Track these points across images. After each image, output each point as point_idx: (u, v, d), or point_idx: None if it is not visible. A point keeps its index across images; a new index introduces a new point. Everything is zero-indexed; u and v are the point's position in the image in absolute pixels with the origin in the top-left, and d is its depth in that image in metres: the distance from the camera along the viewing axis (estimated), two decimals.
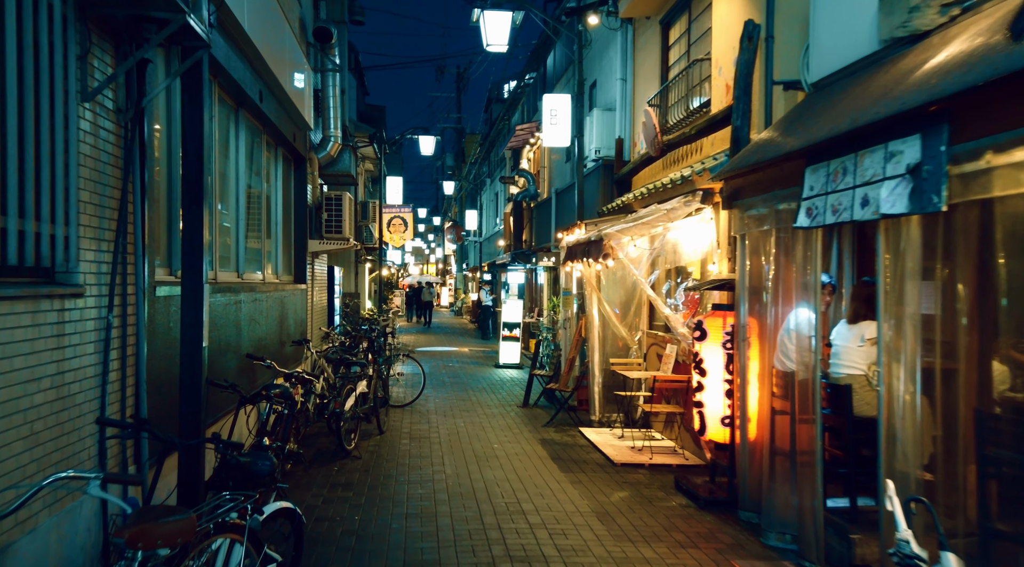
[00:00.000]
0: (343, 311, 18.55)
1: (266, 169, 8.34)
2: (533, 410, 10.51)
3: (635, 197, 9.09)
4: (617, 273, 9.53)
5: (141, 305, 3.89)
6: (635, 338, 9.33)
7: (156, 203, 4.53)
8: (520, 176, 19.33)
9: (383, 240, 22.91)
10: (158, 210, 4.56)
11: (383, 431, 8.54)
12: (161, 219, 4.65)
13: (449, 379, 13.68)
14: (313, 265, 10.75)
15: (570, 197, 13.92)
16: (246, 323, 6.51)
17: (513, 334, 16.10)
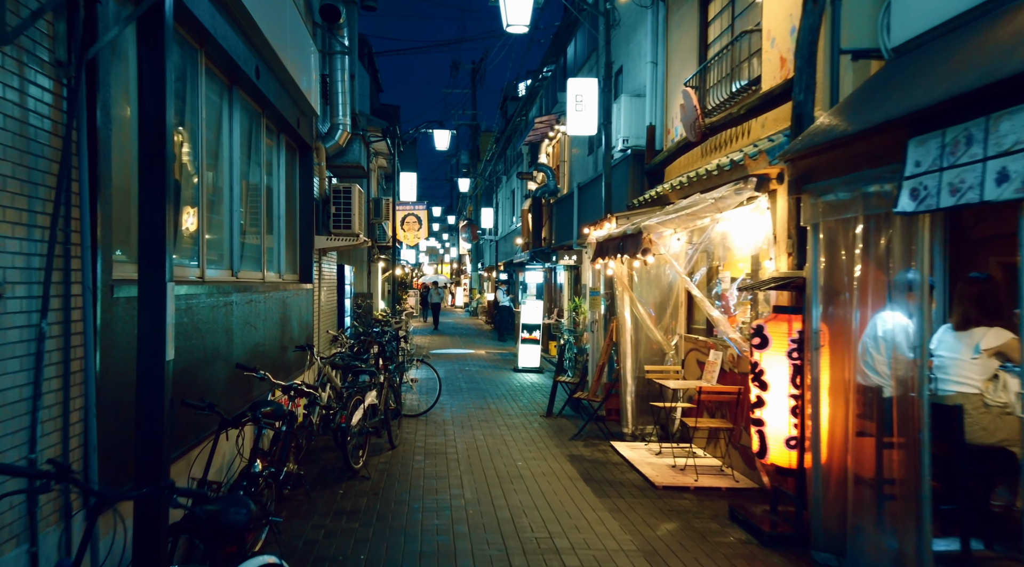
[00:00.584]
0: (354, 312, 17.85)
1: (267, 157, 7.58)
2: (558, 420, 9.68)
3: (671, 188, 8.24)
4: (652, 271, 8.68)
5: (90, 309, 3.12)
6: (671, 343, 8.48)
7: (121, 184, 3.76)
8: (539, 171, 18.50)
9: (396, 239, 22.17)
10: (123, 192, 3.78)
11: (395, 445, 7.75)
12: (130, 203, 3.87)
13: (466, 385, 12.88)
14: (320, 263, 10.00)
15: (594, 191, 13.09)
16: (239, 328, 5.74)
17: (532, 336, 15.28)
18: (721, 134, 7.79)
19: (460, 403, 10.85)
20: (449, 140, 19.73)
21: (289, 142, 8.59)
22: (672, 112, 9.88)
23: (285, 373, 7.42)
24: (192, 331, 4.63)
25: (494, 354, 18.49)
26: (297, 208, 9.01)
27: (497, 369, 15.44)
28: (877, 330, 4.39)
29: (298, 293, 8.40)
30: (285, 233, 8.46)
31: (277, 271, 8.05)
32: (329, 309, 11.10)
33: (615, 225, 8.58)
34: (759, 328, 5.31)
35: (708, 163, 7.59)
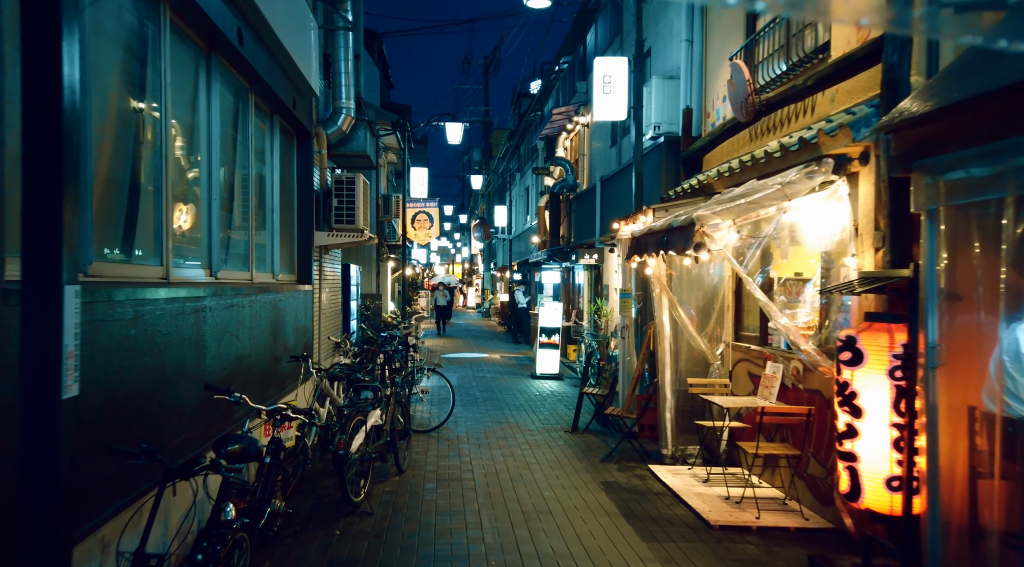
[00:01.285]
0: (362, 315, 16.94)
1: (258, 142, 6.64)
2: (585, 437, 8.68)
3: (717, 175, 7.23)
4: (693, 271, 7.67)
5: None
6: (716, 352, 7.47)
7: None
8: (557, 165, 17.50)
9: (406, 237, 21.24)
10: None
11: (403, 470, 6.78)
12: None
13: (481, 394, 11.90)
14: (322, 262, 9.05)
15: (620, 185, 12.08)
16: (215, 338, 4.79)
17: (551, 341, 14.28)
18: (777, 112, 6.77)
19: (475, 416, 9.87)
20: (461, 134, 18.78)
21: (284, 126, 7.64)
22: (712, 94, 8.86)
23: (277, 387, 6.48)
24: (144, 346, 3.68)
25: (509, 358, 17.51)
26: (295, 201, 8.08)
27: (513, 375, 14.45)
28: (1022, 346, 3.38)
29: (295, 295, 7.45)
30: (280, 228, 7.53)
31: (270, 271, 7.11)
32: (332, 312, 10.16)
33: (652, 218, 7.58)
34: (850, 340, 4.29)
35: (761, 146, 6.57)
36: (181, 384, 4.17)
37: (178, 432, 4.04)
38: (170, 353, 4.02)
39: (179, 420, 4.08)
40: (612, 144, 14.54)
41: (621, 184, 11.99)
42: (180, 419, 4.10)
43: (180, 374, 4.15)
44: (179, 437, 4.03)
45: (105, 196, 3.75)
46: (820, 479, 5.58)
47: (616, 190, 12.39)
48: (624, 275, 8.84)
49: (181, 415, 4.13)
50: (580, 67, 17.90)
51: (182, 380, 4.18)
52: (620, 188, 12.07)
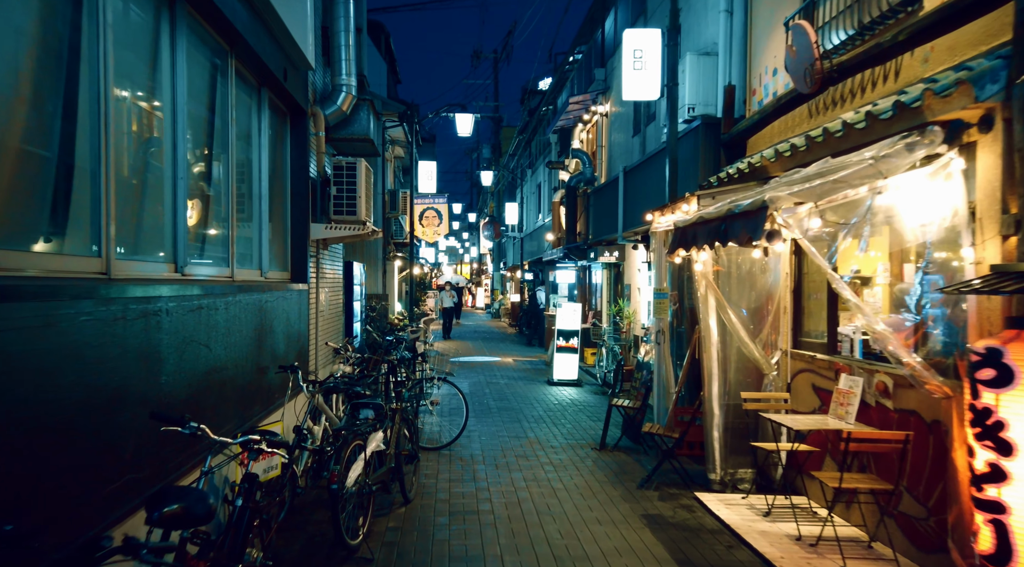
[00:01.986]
0: (367, 316, 16.03)
1: (241, 115, 5.70)
2: (616, 455, 7.69)
3: (773, 156, 6.22)
4: (744, 266, 6.68)
5: None
6: (771, 361, 6.47)
7: None
8: (573, 157, 16.52)
9: (414, 235, 20.30)
10: None
11: (409, 499, 5.80)
12: None
13: (495, 403, 10.92)
14: (320, 258, 8.09)
15: (646, 175, 11.09)
16: (174, 349, 3.83)
17: (569, 344, 13.30)
18: (851, 80, 5.76)
19: (491, 429, 8.89)
20: (471, 125, 17.83)
21: (275, 102, 6.69)
22: (758, 68, 7.86)
23: (264, 403, 5.52)
24: (62, 363, 2.72)
25: (523, 363, 16.53)
26: (287, 189, 7.12)
27: (529, 381, 13.46)
28: None
29: (286, 295, 6.49)
30: (271, 220, 6.58)
31: (257, 267, 6.15)
32: (332, 314, 9.20)
33: (696, 207, 6.58)
34: (994, 354, 3.29)
35: (827, 121, 5.56)
36: (120, 411, 3.20)
37: (107, 479, 3.08)
38: (105, 370, 3.06)
39: (109, 464, 3.11)
40: (635, 133, 13.55)
41: (647, 175, 10.99)
42: (111, 462, 3.13)
43: (118, 399, 3.19)
44: (107, 488, 3.06)
45: (15, 168, 2.80)
46: (919, 520, 4.57)
47: (641, 181, 11.39)
48: (658, 273, 7.84)
49: (115, 455, 3.16)
50: (598, 54, 16.91)
51: (121, 406, 3.22)
52: (646, 179, 11.08)
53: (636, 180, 11.75)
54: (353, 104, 8.05)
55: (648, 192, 10.88)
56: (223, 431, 4.50)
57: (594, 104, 16.40)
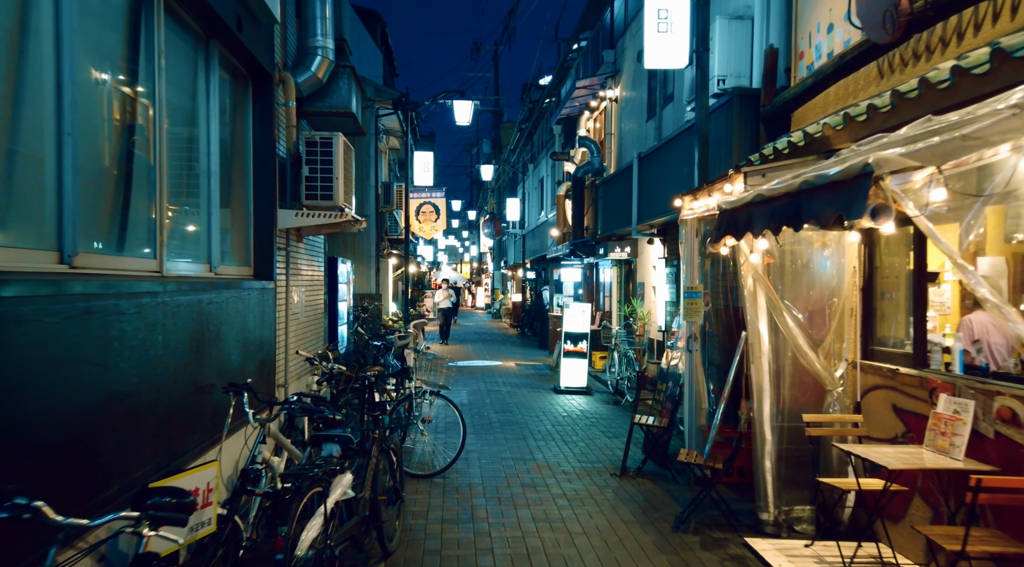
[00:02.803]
0: (357, 317, 14.90)
1: (175, 70, 4.53)
2: (640, 484, 6.51)
3: (842, 122, 5.04)
4: (800, 258, 5.51)
5: None
6: (835, 374, 5.29)
7: None
8: (580, 146, 15.34)
9: (410, 230, 19.14)
10: None
11: (390, 551, 4.62)
12: None
13: (497, 415, 9.74)
14: (292, 252, 6.92)
15: (664, 162, 9.92)
16: (40, 373, 2.66)
17: (578, 349, 12.12)
18: (942, 24, 4.59)
19: (492, 449, 7.72)
20: (470, 114, 16.65)
21: (230, 60, 5.51)
22: (806, 26, 6.69)
23: (206, 432, 4.34)
24: None
25: (526, 367, 15.34)
26: (249, 168, 5.95)
27: (533, 389, 12.28)
28: None
29: (244, 295, 5.32)
30: (227, 204, 5.43)
31: (205, 260, 4.99)
32: (311, 317, 8.03)
33: (743, 186, 5.40)
34: None
35: (899, 83, 4.40)
36: None
37: None
38: None
39: None
40: (649, 117, 12.38)
41: (666, 160, 9.82)
42: None
43: None
44: None
45: None
46: None
47: (659, 168, 10.22)
48: (689, 268, 6.66)
49: None
50: (606, 36, 15.73)
51: None
52: (664, 165, 9.91)
53: (653, 167, 10.58)
54: (330, 71, 6.88)
55: (667, 179, 9.71)
56: (131, 479, 3.33)
57: (602, 89, 15.23)
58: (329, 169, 6.34)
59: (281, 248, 6.52)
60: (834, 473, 5.21)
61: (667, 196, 9.86)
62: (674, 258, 10.78)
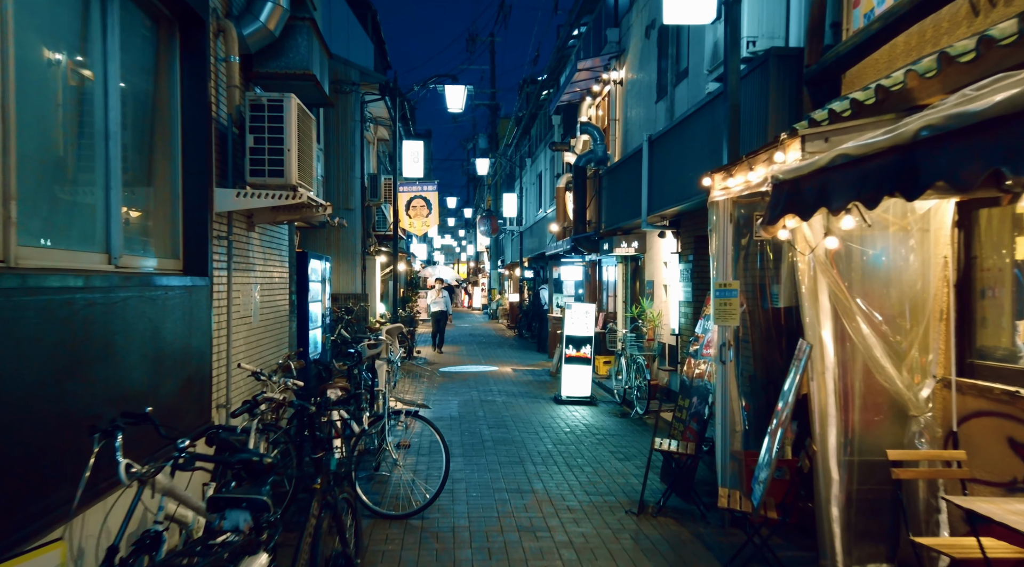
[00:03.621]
0: (340, 320, 13.72)
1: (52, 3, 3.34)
2: (663, 525, 5.31)
3: (930, 68, 3.85)
4: (871, 247, 4.32)
5: None
6: (920, 394, 4.10)
7: None
8: (583, 132, 14.14)
9: (401, 226, 17.94)
10: None
11: None
12: None
13: (490, 432, 8.54)
14: (234, 240, 5.70)
15: (679, 142, 8.73)
16: None
17: (581, 354, 10.93)
18: None
19: (482, 478, 6.51)
20: (463, 99, 15.45)
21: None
22: None
23: (70, 492, 3.13)
24: None
25: (524, 373, 14.14)
26: (176, 134, 4.75)
27: (531, 398, 11.08)
28: None
29: (158, 294, 4.12)
30: (136, 176, 4.24)
31: (102, 248, 3.79)
32: (270, 321, 6.83)
33: (799, 154, 4.20)
34: None
35: (995, 22, 3.22)
36: None
37: None
38: None
39: None
40: (659, 98, 11.20)
41: (681, 141, 8.64)
42: None
43: None
44: None
45: None
46: None
47: (673, 151, 9.04)
48: (722, 261, 5.46)
49: None
50: (609, 14, 14.54)
51: None
52: (680, 147, 8.73)
53: (665, 150, 9.39)
54: (284, 22, 5.67)
55: (684, 162, 8.53)
56: None
57: (606, 71, 14.04)
58: (280, 139, 5.13)
59: (222, 237, 5.32)
60: (920, 522, 4.03)
61: (683, 182, 8.68)
62: (689, 253, 9.60)
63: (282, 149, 5.14)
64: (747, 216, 5.64)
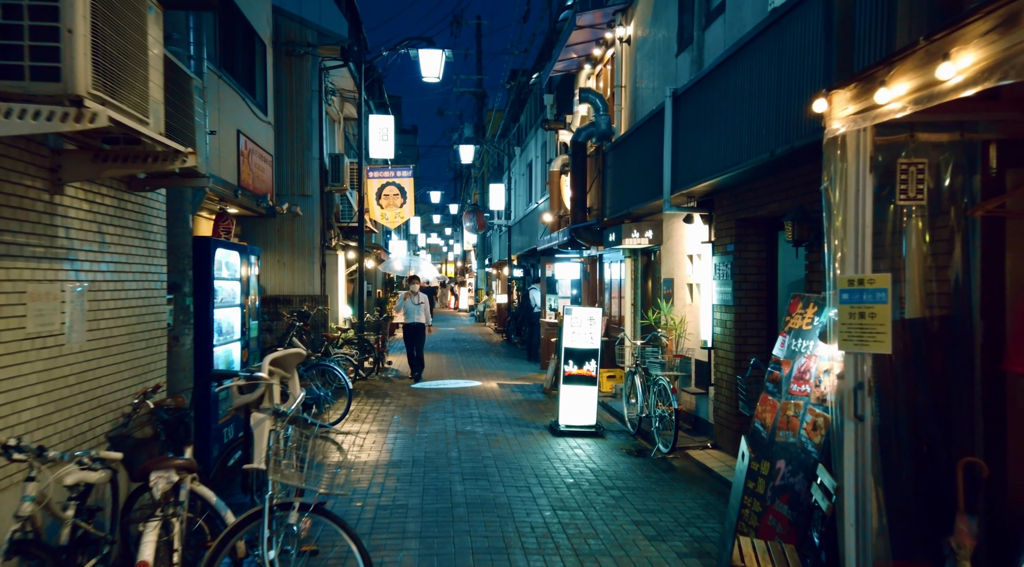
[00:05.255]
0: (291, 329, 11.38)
1: None
2: None
3: None
4: None
5: None
6: None
7: None
8: (582, 101, 11.80)
9: (370, 217, 15.55)
10: None
11: None
12: None
13: (465, 489, 6.18)
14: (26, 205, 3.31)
15: (726, 88, 6.41)
16: None
17: (583, 371, 8.60)
18: None
19: None
20: (440, 66, 13.12)
21: None
22: None
23: None
24: None
25: (512, 389, 11.78)
26: None
27: (521, 428, 8.73)
28: None
29: None
30: None
31: None
32: (117, 343, 4.45)
33: None
34: None
35: None
36: None
37: None
38: None
39: None
40: (682, 48, 8.89)
41: (725, 88, 6.31)
42: None
43: None
44: None
45: None
46: None
47: (711, 104, 6.72)
48: (857, 237, 3.12)
49: None
50: None
51: None
52: (721, 98, 6.41)
53: (698, 105, 7.08)
54: None
55: (726, 117, 6.22)
56: None
57: (610, 28, 11.72)
58: (52, 10, 2.75)
59: None
60: None
61: (725, 144, 6.38)
62: (727, 241, 7.29)
63: (56, 29, 2.75)
64: (887, 164, 3.34)
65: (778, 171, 5.99)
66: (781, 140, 5.23)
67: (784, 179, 6.04)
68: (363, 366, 12.58)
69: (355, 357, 12.16)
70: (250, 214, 10.68)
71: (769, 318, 7.16)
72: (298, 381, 3.54)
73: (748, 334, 7.15)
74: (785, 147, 5.15)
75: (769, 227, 7.10)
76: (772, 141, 5.37)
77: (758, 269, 7.17)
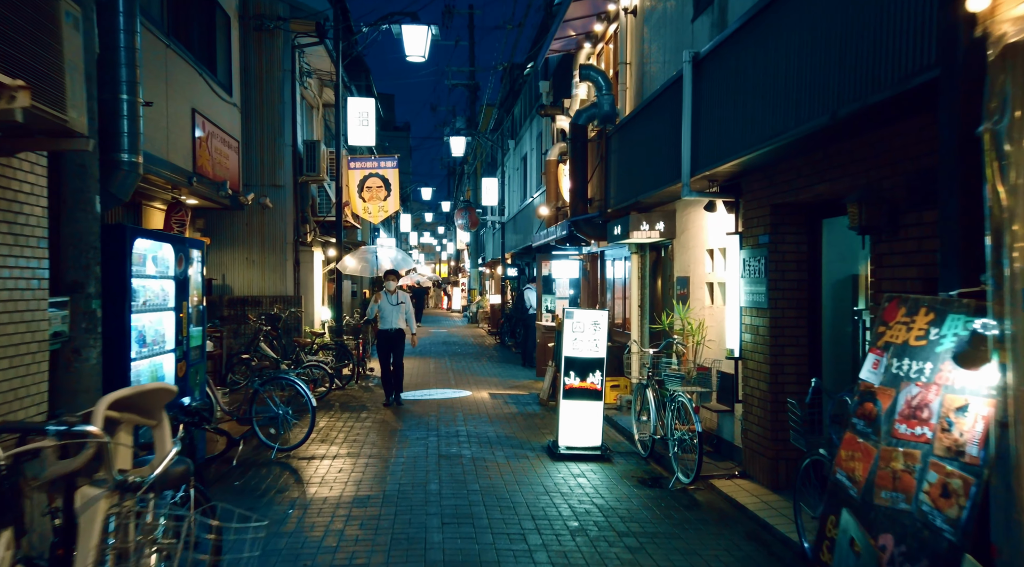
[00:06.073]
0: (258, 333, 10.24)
1: None
2: None
3: None
4: None
5: None
6: None
7: None
8: (583, 80, 10.60)
9: (352, 211, 14.34)
10: None
11: None
12: None
13: (443, 539, 4.98)
14: None
15: (765, 45, 5.23)
16: None
17: (587, 384, 7.41)
18: None
19: None
20: (426, 44, 11.92)
21: None
22: None
23: None
24: None
25: (505, 400, 10.57)
26: None
27: (515, 450, 7.53)
28: None
29: None
30: None
31: None
32: None
33: None
34: None
35: None
36: None
37: None
38: None
39: None
40: (699, 12, 7.70)
41: (767, 44, 5.13)
42: None
43: None
44: None
45: None
46: None
47: (741, 67, 5.53)
48: None
49: None
50: None
51: None
52: (757, 58, 5.23)
53: (726, 69, 5.89)
54: None
55: (768, 80, 5.04)
56: None
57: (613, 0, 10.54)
58: None
59: None
60: None
61: (758, 114, 5.21)
62: (760, 231, 6.12)
63: None
64: None
65: (834, 141, 4.82)
66: (847, 97, 4.06)
67: (842, 151, 4.87)
68: (340, 374, 11.37)
69: (331, 364, 10.95)
70: (212, 206, 9.47)
71: (811, 323, 5.99)
72: (168, 430, 2.34)
73: (785, 342, 5.97)
74: (854, 105, 3.98)
75: (812, 214, 5.92)
76: (834, 100, 4.20)
77: (797, 265, 6.00)
